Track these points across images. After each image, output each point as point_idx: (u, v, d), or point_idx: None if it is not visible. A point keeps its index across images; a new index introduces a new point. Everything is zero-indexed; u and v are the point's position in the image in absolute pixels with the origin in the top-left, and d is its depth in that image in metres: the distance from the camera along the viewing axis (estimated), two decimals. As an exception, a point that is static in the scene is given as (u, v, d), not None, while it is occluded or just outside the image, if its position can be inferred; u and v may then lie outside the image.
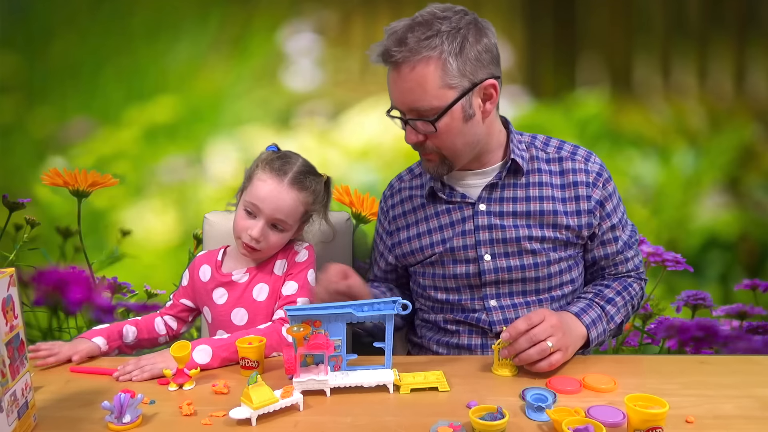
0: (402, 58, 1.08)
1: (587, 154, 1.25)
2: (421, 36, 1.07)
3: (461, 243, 1.22)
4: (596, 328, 1.15)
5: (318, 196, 1.27)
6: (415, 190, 1.31)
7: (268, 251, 1.26)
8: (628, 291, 1.23)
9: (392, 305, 1.01)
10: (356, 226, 1.73)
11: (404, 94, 1.11)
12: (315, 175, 1.28)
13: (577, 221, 1.21)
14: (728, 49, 1.70)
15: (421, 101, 1.10)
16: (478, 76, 1.11)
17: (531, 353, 1.02)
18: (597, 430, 0.83)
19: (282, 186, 1.21)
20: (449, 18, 1.09)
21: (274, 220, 1.22)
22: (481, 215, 1.21)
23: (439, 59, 1.08)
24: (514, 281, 1.21)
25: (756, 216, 1.75)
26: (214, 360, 1.10)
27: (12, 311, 0.85)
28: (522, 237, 1.19)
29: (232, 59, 1.73)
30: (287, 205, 1.21)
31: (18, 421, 0.84)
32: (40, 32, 1.73)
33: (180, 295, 1.34)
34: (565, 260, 1.22)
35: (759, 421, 0.91)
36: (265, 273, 1.27)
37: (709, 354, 1.73)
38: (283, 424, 0.91)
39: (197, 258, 1.34)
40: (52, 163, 1.77)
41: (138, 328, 1.26)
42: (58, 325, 1.82)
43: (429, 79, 1.08)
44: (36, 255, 1.80)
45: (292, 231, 1.26)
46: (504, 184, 1.22)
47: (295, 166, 1.24)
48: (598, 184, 1.22)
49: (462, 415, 0.90)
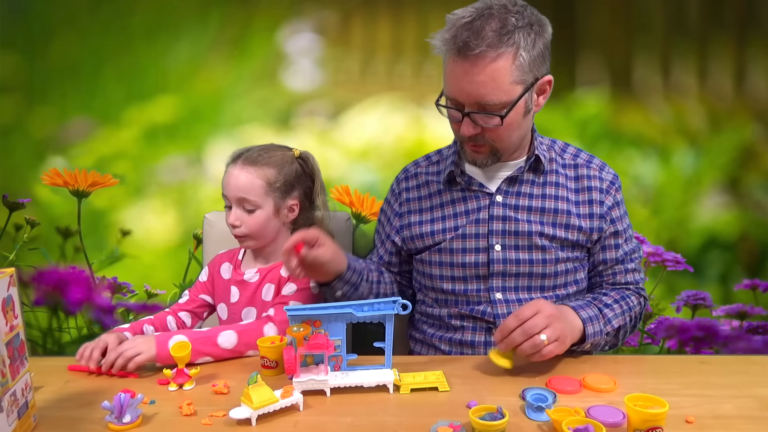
0: (480, 52, 1.06)
1: (602, 164, 1.29)
2: (502, 30, 1.07)
3: (473, 231, 1.23)
4: (593, 325, 1.14)
5: (284, 168, 1.27)
6: (431, 176, 1.32)
7: (258, 237, 1.28)
8: (626, 301, 1.23)
9: (392, 305, 1.01)
10: (356, 226, 1.73)
11: (474, 87, 1.09)
12: (278, 150, 1.30)
13: (588, 224, 1.23)
14: (728, 49, 1.69)
15: (491, 95, 1.10)
16: (540, 71, 1.13)
17: (524, 347, 1.02)
18: (597, 430, 0.83)
19: (236, 168, 1.26)
20: (521, 12, 1.09)
21: (240, 201, 1.25)
22: (496, 206, 1.23)
23: (515, 55, 1.08)
24: (521, 275, 1.22)
25: (756, 216, 1.75)
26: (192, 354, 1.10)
27: (12, 311, 0.85)
28: (534, 232, 1.21)
29: (232, 59, 1.73)
30: (243, 182, 1.24)
31: (18, 421, 0.84)
32: (40, 32, 1.73)
33: (199, 290, 1.36)
34: (571, 261, 1.24)
35: (759, 421, 0.91)
36: (274, 273, 1.29)
37: (709, 354, 1.74)
38: (283, 424, 0.91)
39: (218, 256, 1.38)
40: (52, 163, 1.77)
41: (155, 327, 1.27)
42: (58, 325, 1.83)
43: (503, 74, 1.08)
44: (36, 255, 1.80)
45: (267, 209, 1.26)
46: (523, 179, 1.24)
47: (250, 150, 1.28)
48: (611, 191, 1.26)
49: (462, 415, 0.90)
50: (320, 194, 1.34)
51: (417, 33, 1.70)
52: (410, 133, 1.73)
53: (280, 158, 1.28)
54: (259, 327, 1.19)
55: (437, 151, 1.37)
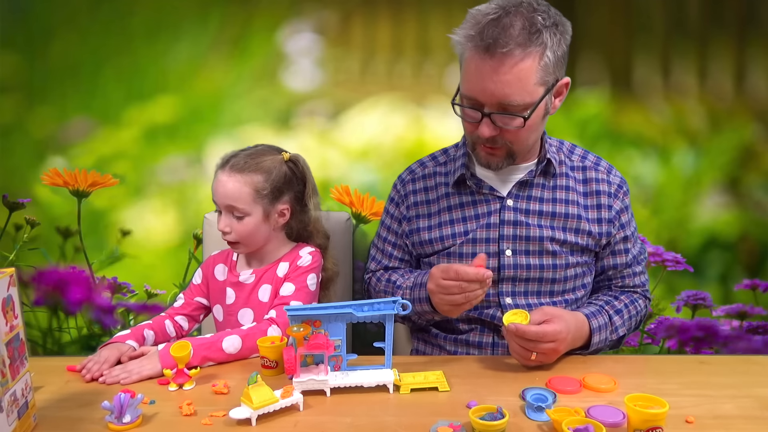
0: (509, 50, 1.03)
1: (609, 166, 1.28)
2: (531, 29, 1.04)
3: (484, 235, 1.22)
4: (600, 333, 1.16)
5: (272, 174, 1.25)
6: (439, 177, 1.29)
7: (248, 243, 1.27)
8: (634, 305, 1.24)
9: (392, 305, 1.01)
10: (356, 226, 1.73)
11: (499, 87, 1.06)
12: (266, 155, 1.27)
13: (597, 228, 1.22)
14: (728, 49, 1.69)
15: (516, 96, 1.07)
16: (561, 73, 1.11)
17: (514, 349, 1.05)
18: (597, 430, 0.83)
19: (224, 174, 1.24)
20: (546, 12, 1.07)
21: (228, 208, 1.24)
22: (508, 210, 1.21)
23: (542, 55, 1.06)
24: (531, 280, 1.21)
25: (756, 216, 1.75)
26: (195, 358, 1.10)
27: (12, 311, 0.85)
28: (545, 237, 1.20)
29: (232, 59, 1.73)
30: (230, 189, 1.23)
31: (18, 421, 0.84)
32: (40, 32, 1.73)
33: (193, 293, 1.35)
34: (581, 265, 1.23)
35: (759, 421, 0.91)
36: (270, 275, 1.28)
37: (709, 354, 1.74)
38: (283, 424, 0.91)
39: (211, 257, 1.37)
40: (52, 163, 1.77)
41: (155, 331, 1.27)
42: (58, 325, 1.82)
43: (529, 75, 1.06)
44: (36, 255, 1.80)
45: (256, 216, 1.24)
46: (533, 183, 1.22)
47: (237, 156, 1.26)
48: (619, 195, 1.25)
49: (462, 415, 0.90)
50: (312, 197, 1.32)
51: (417, 33, 1.70)
52: (410, 133, 1.73)
53: (268, 164, 1.26)
54: (263, 330, 1.18)
55: (443, 150, 1.34)
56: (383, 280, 1.31)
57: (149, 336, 1.25)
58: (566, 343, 1.08)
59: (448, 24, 1.68)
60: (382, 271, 1.35)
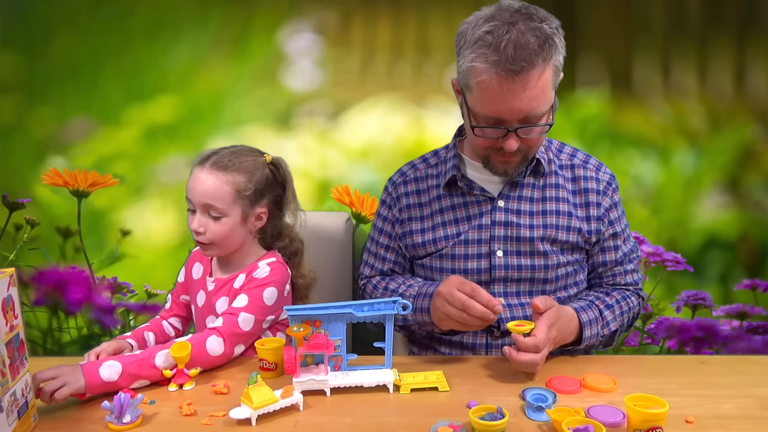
0: (533, 67, 1.03)
1: (598, 164, 1.28)
2: (546, 43, 1.04)
3: (476, 236, 1.22)
4: (591, 328, 1.15)
5: (255, 175, 1.20)
6: (431, 179, 1.29)
7: (222, 245, 1.21)
8: (626, 302, 1.24)
9: (392, 305, 1.01)
10: (356, 226, 1.73)
11: (526, 103, 1.06)
12: (248, 156, 1.22)
13: (587, 226, 1.22)
14: (728, 49, 1.69)
15: (541, 107, 1.08)
16: (562, 72, 1.12)
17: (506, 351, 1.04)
18: (597, 430, 0.83)
19: (203, 171, 1.18)
20: (548, 18, 1.07)
21: (205, 207, 1.18)
22: (498, 211, 1.22)
23: (555, 62, 1.07)
24: (522, 280, 1.21)
25: (756, 216, 1.75)
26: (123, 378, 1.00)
27: (12, 311, 0.85)
28: (536, 237, 1.20)
29: (232, 59, 1.73)
30: (210, 187, 1.17)
31: (18, 421, 0.84)
32: (40, 32, 1.73)
33: (179, 292, 1.34)
34: (572, 264, 1.23)
35: (759, 421, 0.91)
36: (228, 286, 1.23)
37: (709, 354, 1.74)
38: (283, 424, 0.91)
39: (193, 253, 1.33)
40: (52, 163, 1.77)
41: (155, 333, 1.26)
42: (58, 325, 1.82)
43: (549, 83, 1.07)
44: (36, 255, 1.80)
45: (234, 217, 1.19)
46: (524, 183, 1.23)
47: (219, 153, 1.20)
48: (608, 192, 1.25)
49: (462, 415, 0.90)
50: (291, 202, 1.27)
51: (417, 33, 1.70)
52: (410, 133, 1.73)
53: (251, 164, 1.21)
54: (201, 341, 1.09)
55: (434, 152, 1.35)
56: (380, 288, 1.31)
57: (149, 338, 1.25)
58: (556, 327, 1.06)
59: (448, 24, 1.68)
60: (378, 277, 1.34)
